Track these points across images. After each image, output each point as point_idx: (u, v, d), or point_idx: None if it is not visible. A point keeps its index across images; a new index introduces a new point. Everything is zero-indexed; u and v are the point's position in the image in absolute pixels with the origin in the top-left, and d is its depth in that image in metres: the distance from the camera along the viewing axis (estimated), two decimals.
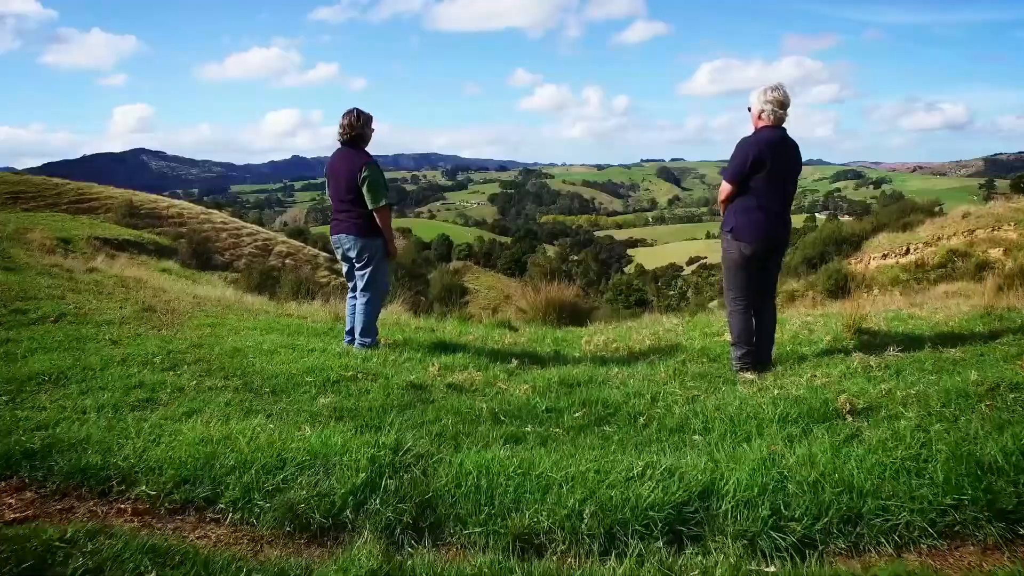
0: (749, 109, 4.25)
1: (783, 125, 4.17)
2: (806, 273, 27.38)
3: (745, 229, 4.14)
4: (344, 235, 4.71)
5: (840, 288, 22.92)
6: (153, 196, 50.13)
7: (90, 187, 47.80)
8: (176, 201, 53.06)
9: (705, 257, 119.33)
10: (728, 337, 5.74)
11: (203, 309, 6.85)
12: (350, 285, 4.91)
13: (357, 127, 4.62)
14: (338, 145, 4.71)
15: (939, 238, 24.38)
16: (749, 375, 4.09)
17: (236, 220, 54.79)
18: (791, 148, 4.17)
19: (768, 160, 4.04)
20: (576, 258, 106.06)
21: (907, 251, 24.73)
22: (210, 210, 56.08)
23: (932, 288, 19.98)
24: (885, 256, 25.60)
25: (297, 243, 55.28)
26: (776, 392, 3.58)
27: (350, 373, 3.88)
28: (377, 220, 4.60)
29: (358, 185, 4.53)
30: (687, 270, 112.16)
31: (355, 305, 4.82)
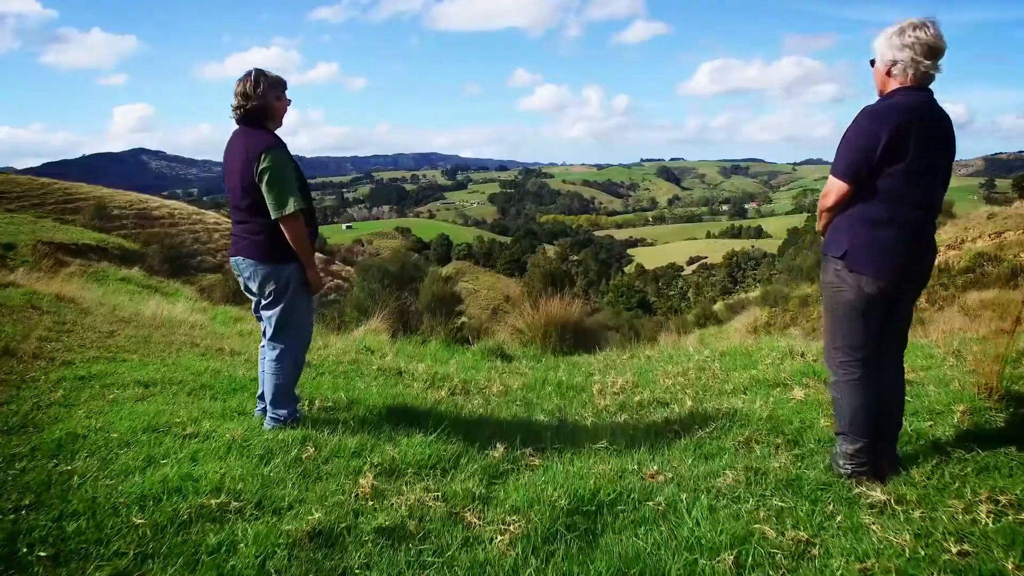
0: (872, 63, 2.66)
1: (930, 87, 2.59)
2: (820, 277, 25.78)
3: (868, 254, 2.55)
4: (241, 258, 3.12)
5: None
6: (144, 196, 48.58)
7: (79, 187, 46.26)
8: (167, 201, 51.43)
9: (706, 257, 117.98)
10: (797, 393, 4.18)
11: (107, 343, 5.27)
12: (262, 328, 3.32)
13: (255, 96, 3.02)
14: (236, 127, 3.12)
15: (962, 240, 22.81)
16: (876, 491, 2.51)
17: (228, 220, 53.27)
18: (942, 122, 2.58)
19: (910, 142, 2.45)
20: (576, 258, 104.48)
21: None
22: (203, 210, 54.52)
23: (962, 296, 18.41)
24: None
25: None
26: (956, 550, 1.99)
27: (221, 499, 2.29)
28: (287, 235, 3.01)
29: (255, 182, 2.95)
30: (687, 270, 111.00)
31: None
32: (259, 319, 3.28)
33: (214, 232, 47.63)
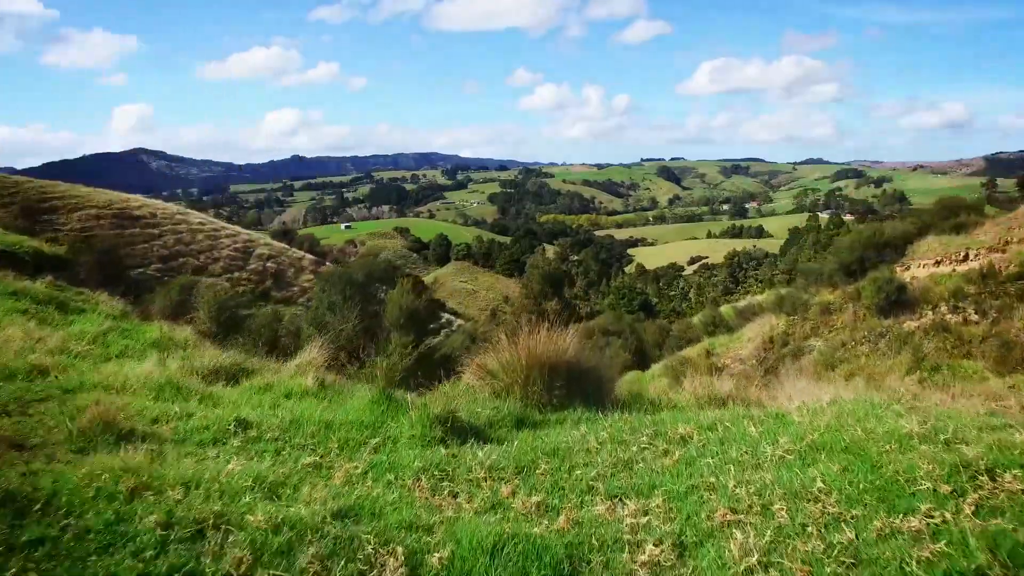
0: None
1: None
2: (844, 282, 23.23)
3: None
4: None
5: (893, 302, 18.76)
6: (125, 195, 46.13)
7: (55, 186, 43.88)
8: (150, 201, 48.87)
9: (707, 257, 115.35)
10: None
11: None
12: None
13: None
14: None
15: (1007, 242, 20.16)
16: None
17: (216, 221, 50.71)
18: None
19: None
20: (576, 258, 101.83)
21: (965, 257, 20.56)
22: (188, 210, 52.05)
23: (1020, 305, 15.82)
24: (939, 263, 21.44)
25: (281, 245, 51.25)
26: None
27: None
28: None
29: None
30: (688, 270, 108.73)
31: None
32: None
33: (198, 233, 45.36)
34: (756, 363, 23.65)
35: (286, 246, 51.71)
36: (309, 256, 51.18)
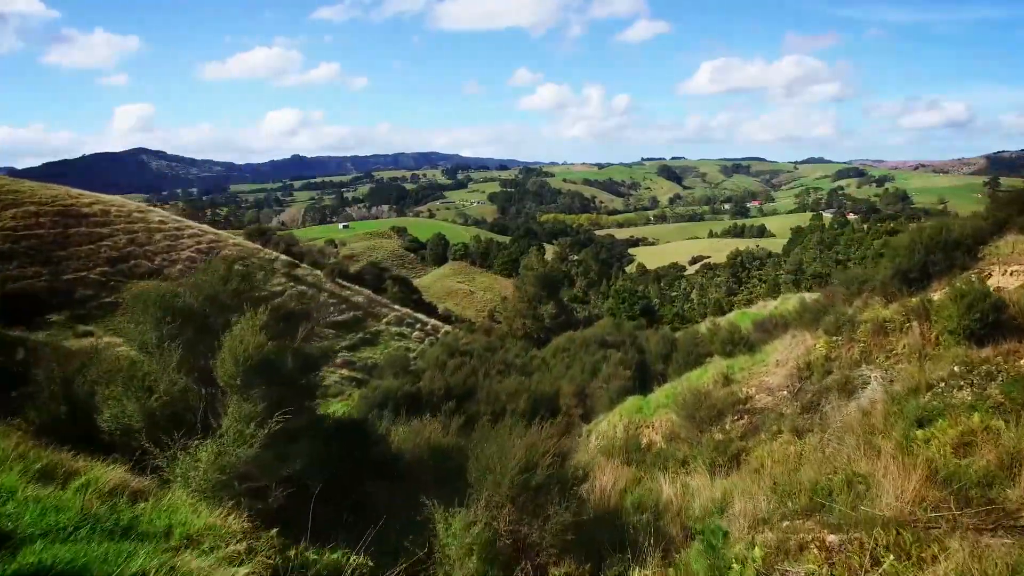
0: None
1: None
2: (902, 293, 17.73)
3: None
4: None
5: (993, 327, 13.39)
6: (76, 191, 41.05)
7: None
8: (104, 197, 43.67)
9: (708, 256, 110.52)
10: None
11: None
12: None
13: None
14: None
15: None
16: None
17: (180, 219, 45.45)
18: None
19: None
20: (576, 258, 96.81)
21: None
22: (151, 208, 46.99)
23: None
24: None
25: (253, 245, 46.06)
26: None
27: None
28: None
29: None
30: (690, 270, 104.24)
31: None
32: None
33: (156, 232, 40.28)
34: (789, 396, 18.21)
35: (259, 247, 46.50)
36: (284, 257, 45.99)
